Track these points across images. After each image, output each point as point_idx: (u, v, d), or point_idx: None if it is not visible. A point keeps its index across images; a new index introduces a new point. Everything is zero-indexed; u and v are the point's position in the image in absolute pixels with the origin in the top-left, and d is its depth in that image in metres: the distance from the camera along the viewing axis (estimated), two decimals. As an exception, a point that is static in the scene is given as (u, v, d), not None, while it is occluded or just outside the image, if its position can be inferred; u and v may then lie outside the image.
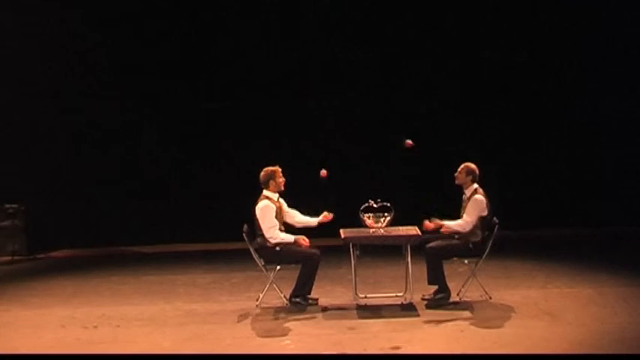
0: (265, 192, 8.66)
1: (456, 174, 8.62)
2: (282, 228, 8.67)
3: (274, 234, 8.54)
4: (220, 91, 12.60)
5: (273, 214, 8.55)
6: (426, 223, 8.51)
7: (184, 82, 12.57)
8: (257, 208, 8.57)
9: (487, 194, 8.52)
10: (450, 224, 8.47)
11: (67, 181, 12.33)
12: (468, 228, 8.45)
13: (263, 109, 12.56)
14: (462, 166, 8.62)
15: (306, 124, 12.52)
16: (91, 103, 12.42)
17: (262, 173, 8.69)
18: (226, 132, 12.61)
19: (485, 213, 8.47)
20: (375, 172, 12.38)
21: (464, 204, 8.59)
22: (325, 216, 8.72)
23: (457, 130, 12.48)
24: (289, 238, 8.58)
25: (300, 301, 8.61)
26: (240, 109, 12.59)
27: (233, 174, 12.42)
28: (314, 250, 8.60)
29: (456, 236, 8.60)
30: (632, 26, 12.30)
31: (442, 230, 8.50)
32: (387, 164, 12.42)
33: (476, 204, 8.44)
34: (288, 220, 8.78)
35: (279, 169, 8.72)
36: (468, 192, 8.56)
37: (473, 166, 8.60)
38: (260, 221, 8.55)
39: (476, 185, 8.56)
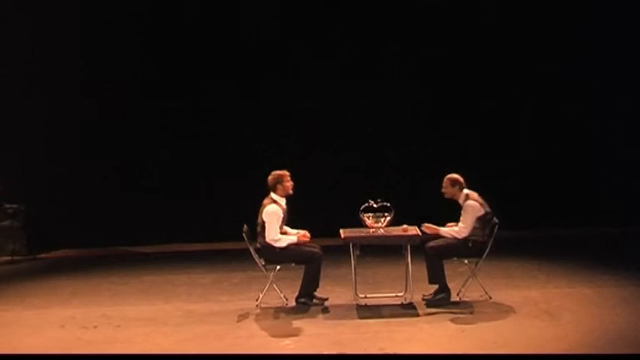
0: (273, 195, 8.58)
1: (442, 190, 8.64)
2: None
3: (279, 242, 8.45)
4: (220, 91, 12.58)
5: (278, 223, 8.47)
6: (425, 225, 8.57)
7: (184, 80, 12.56)
8: (265, 210, 8.48)
9: (481, 195, 8.55)
10: (447, 230, 8.55)
11: (66, 181, 12.31)
12: (463, 234, 8.49)
13: (264, 109, 12.55)
14: (445, 180, 8.63)
15: (307, 124, 12.51)
16: (91, 104, 12.41)
17: (270, 177, 8.60)
18: (226, 132, 12.59)
19: (481, 213, 8.48)
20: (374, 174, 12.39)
21: (462, 211, 8.62)
22: (304, 234, 8.62)
23: (457, 129, 12.47)
24: (292, 239, 8.53)
25: (307, 301, 8.61)
26: (240, 108, 12.58)
27: (234, 174, 12.43)
28: (315, 250, 8.60)
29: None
30: (633, 26, 12.30)
31: (440, 234, 8.56)
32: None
33: (469, 210, 8.49)
34: None
35: (287, 174, 8.62)
36: (460, 200, 8.58)
37: (454, 175, 8.62)
38: (267, 225, 8.47)
39: (466, 191, 8.57)
